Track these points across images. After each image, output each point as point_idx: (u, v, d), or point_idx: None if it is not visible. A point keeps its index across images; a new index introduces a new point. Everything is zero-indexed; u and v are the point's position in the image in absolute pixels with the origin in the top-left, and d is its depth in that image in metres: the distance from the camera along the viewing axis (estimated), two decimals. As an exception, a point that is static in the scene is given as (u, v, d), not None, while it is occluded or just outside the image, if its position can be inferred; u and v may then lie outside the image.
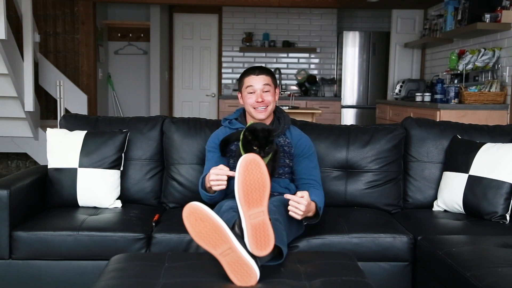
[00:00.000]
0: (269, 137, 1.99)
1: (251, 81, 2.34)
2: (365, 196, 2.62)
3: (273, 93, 2.36)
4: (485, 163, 2.42)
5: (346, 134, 2.69)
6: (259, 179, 1.66)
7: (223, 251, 1.58)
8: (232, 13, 7.25)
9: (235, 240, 1.59)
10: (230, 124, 2.43)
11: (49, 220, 2.30)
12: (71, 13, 6.32)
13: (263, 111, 2.33)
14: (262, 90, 2.32)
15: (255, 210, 1.63)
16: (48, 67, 5.76)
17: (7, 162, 5.92)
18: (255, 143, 1.97)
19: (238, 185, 1.66)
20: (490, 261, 1.81)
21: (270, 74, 2.38)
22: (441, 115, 4.09)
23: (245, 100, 2.36)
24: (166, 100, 7.38)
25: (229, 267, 1.57)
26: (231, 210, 1.94)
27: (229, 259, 1.57)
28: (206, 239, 1.60)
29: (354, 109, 6.93)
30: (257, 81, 2.33)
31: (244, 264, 1.56)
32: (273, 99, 2.36)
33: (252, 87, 2.33)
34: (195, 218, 1.62)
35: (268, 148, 1.98)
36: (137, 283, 1.55)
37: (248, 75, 2.37)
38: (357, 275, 1.62)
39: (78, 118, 2.78)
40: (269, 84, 2.35)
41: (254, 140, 1.97)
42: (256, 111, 2.33)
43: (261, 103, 2.32)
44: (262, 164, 1.68)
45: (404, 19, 6.46)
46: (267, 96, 2.33)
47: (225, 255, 1.57)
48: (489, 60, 4.30)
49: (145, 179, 2.64)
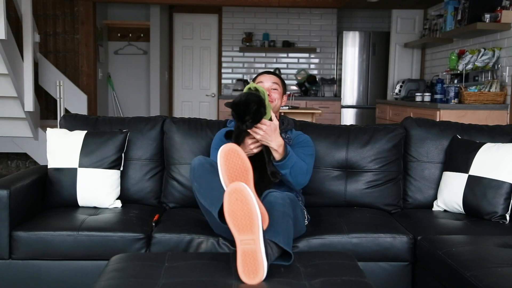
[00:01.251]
0: (248, 110, 2.00)
1: (262, 78, 2.48)
2: (365, 196, 2.62)
3: (280, 94, 2.46)
4: (485, 163, 2.42)
5: (346, 134, 2.69)
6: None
7: (245, 239, 1.60)
8: (232, 13, 7.25)
9: (261, 236, 1.60)
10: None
11: (49, 220, 2.30)
12: (71, 13, 6.32)
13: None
14: (271, 88, 2.43)
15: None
16: (48, 67, 5.76)
17: (7, 162, 5.92)
18: (236, 118, 2.04)
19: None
20: (490, 261, 1.81)
21: (281, 79, 2.53)
22: (441, 115, 4.09)
23: None
24: (166, 100, 7.38)
25: (242, 257, 1.59)
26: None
27: (246, 249, 1.59)
28: (236, 220, 1.62)
29: (354, 109, 6.93)
30: (267, 79, 2.46)
31: (257, 261, 1.58)
32: (279, 97, 2.45)
33: (262, 83, 2.44)
34: (236, 197, 1.63)
35: (249, 121, 2.01)
36: (137, 283, 1.55)
37: (261, 74, 2.53)
38: (357, 275, 1.62)
39: (78, 118, 2.78)
40: (278, 84, 2.47)
41: (235, 115, 2.04)
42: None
43: (268, 97, 2.32)
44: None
45: (404, 19, 6.46)
46: (274, 93, 2.43)
47: (244, 244, 1.60)
48: (489, 60, 4.30)
49: (145, 179, 2.64)
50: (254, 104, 2.01)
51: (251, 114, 2.00)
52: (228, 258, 1.75)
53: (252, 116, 2.01)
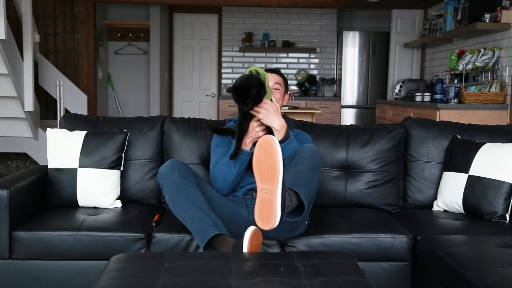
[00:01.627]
0: (249, 93, 2.07)
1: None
2: (365, 196, 2.62)
3: (282, 94, 2.45)
4: (485, 163, 2.42)
5: (345, 134, 2.69)
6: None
7: (265, 188, 1.77)
8: (232, 13, 7.25)
9: (279, 188, 1.75)
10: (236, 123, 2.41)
11: (49, 220, 2.30)
12: (71, 13, 6.32)
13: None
14: (272, 88, 2.37)
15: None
16: (48, 67, 5.76)
17: (7, 162, 5.92)
18: (237, 100, 2.10)
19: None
20: (490, 261, 1.81)
21: (283, 77, 2.50)
22: (441, 115, 4.09)
23: None
24: (166, 100, 7.38)
25: (259, 203, 1.77)
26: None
27: (265, 197, 1.77)
28: (261, 170, 1.78)
29: (354, 109, 6.93)
30: (269, 78, 2.37)
31: (271, 210, 1.74)
32: (280, 97, 2.43)
33: None
34: (265, 149, 1.78)
35: (250, 103, 2.09)
36: (137, 283, 1.55)
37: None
38: (357, 275, 1.62)
39: (78, 118, 2.78)
40: (280, 84, 2.44)
41: (236, 98, 2.10)
42: None
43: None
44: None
45: (404, 19, 6.46)
46: (276, 93, 2.40)
47: (264, 193, 1.77)
48: (489, 60, 4.30)
49: (145, 179, 2.64)
50: (255, 88, 2.09)
51: (252, 97, 2.08)
52: (228, 258, 1.75)
53: (253, 99, 2.08)
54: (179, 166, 2.07)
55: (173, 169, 2.06)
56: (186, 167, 2.10)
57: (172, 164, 2.08)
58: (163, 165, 2.12)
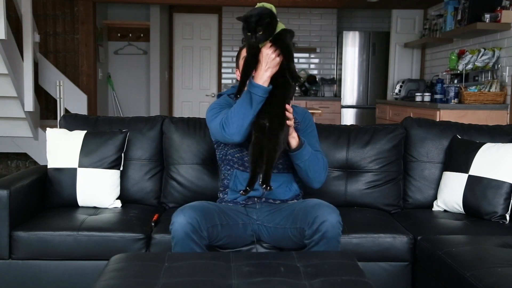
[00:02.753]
0: (260, 21, 1.94)
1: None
2: (365, 196, 2.62)
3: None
4: (485, 163, 2.42)
5: (346, 134, 2.69)
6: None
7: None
8: (232, 13, 7.25)
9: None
10: (231, 95, 2.30)
11: (49, 220, 2.30)
12: (71, 13, 6.32)
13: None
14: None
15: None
16: (48, 67, 5.76)
17: (7, 162, 5.92)
18: (247, 29, 1.95)
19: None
20: (490, 261, 1.81)
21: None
22: (441, 115, 4.09)
23: (240, 68, 2.17)
24: (166, 100, 7.38)
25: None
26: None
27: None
28: None
29: (354, 109, 6.93)
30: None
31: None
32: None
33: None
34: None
35: (260, 33, 1.94)
36: (137, 283, 1.55)
37: (246, 46, 2.20)
38: (357, 275, 1.62)
39: (77, 118, 2.78)
40: None
41: (246, 26, 1.95)
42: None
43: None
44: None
45: (404, 19, 6.46)
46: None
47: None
48: (489, 60, 4.29)
49: (144, 179, 2.64)
50: (267, 16, 1.97)
51: (263, 26, 1.94)
52: (228, 258, 1.75)
53: (264, 28, 1.95)
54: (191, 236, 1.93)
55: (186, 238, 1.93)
56: (198, 233, 1.93)
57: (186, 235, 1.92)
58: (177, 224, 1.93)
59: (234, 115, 2.04)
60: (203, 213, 1.98)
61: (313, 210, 1.96)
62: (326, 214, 1.93)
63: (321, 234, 1.91)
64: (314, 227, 1.92)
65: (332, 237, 1.92)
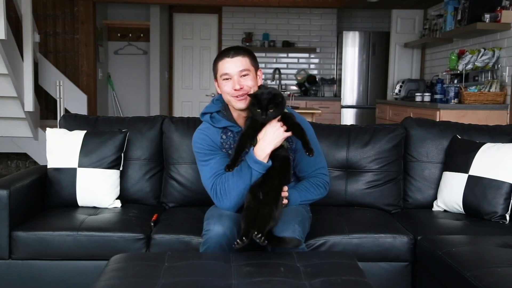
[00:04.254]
0: (273, 100, 1.93)
1: (226, 66, 2.03)
2: (365, 196, 2.62)
3: (254, 77, 2.07)
4: (485, 163, 2.42)
5: (346, 134, 2.69)
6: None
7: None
8: (232, 13, 7.25)
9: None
10: (213, 120, 2.12)
11: (49, 220, 2.30)
12: (71, 13, 6.32)
13: (243, 99, 2.03)
14: (239, 75, 2.02)
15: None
16: (48, 67, 5.76)
17: (7, 162, 5.92)
18: (258, 106, 1.93)
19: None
20: (490, 261, 1.81)
21: (248, 54, 2.07)
22: (441, 115, 4.09)
23: (221, 88, 2.07)
24: (166, 100, 7.38)
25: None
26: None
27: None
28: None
29: (354, 109, 6.93)
30: (232, 66, 2.02)
31: None
32: (254, 83, 2.05)
33: (227, 74, 2.03)
34: None
35: (271, 111, 1.93)
36: (136, 283, 1.55)
37: (221, 58, 2.05)
38: (357, 275, 1.62)
39: (77, 118, 2.78)
40: (247, 68, 2.04)
41: (257, 103, 1.93)
42: (236, 99, 2.04)
43: (240, 91, 2.01)
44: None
45: (404, 19, 6.46)
46: (246, 81, 2.03)
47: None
48: (489, 60, 4.29)
49: (144, 179, 2.63)
50: (279, 96, 1.95)
51: (274, 104, 1.93)
52: (228, 258, 1.75)
53: (275, 106, 1.94)
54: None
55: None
56: (231, 244, 1.89)
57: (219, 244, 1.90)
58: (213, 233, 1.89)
59: (232, 189, 1.98)
60: (239, 224, 1.92)
61: (276, 227, 1.91)
62: (279, 232, 1.87)
63: (278, 252, 1.88)
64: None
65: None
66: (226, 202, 2.00)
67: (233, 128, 2.11)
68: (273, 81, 6.97)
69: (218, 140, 2.10)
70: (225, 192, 1.99)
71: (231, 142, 2.10)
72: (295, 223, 1.94)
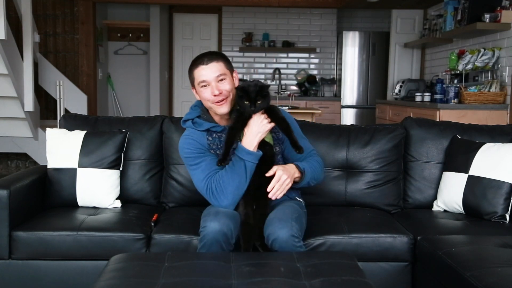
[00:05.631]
0: (261, 91, 1.97)
1: (202, 73, 2.05)
2: (365, 196, 2.62)
3: (231, 79, 2.09)
4: (485, 163, 2.42)
5: (346, 134, 2.69)
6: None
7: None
8: (232, 13, 7.25)
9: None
10: (196, 125, 2.14)
11: (49, 220, 2.30)
12: (71, 13, 6.32)
13: (224, 103, 2.06)
14: (217, 81, 2.05)
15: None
16: (48, 67, 5.76)
17: (7, 162, 5.92)
18: (246, 98, 1.97)
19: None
20: (490, 261, 1.81)
21: (222, 58, 2.11)
22: (441, 115, 4.09)
23: (200, 95, 2.09)
24: (166, 100, 7.38)
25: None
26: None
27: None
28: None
29: (354, 109, 6.93)
30: (208, 72, 2.04)
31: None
32: (231, 86, 2.08)
33: (205, 81, 2.05)
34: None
35: (260, 102, 1.98)
36: (137, 283, 1.55)
37: (197, 66, 2.07)
38: (357, 275, 1.62)
39: (77, 118, 2.78)
40: (224, 73, 2.07)
41: (245, 95, 1.97)
42: (217, 105, 2.06)
43: (219, 96, 2.04)
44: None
45: (404, 19, 6.46)
46: (224, 85, 2.06)
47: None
48: (489, 60, 4.30)
49: (144, 179, 2.63)
50: (266, 88, 2.00)
51: (262, 96, 1.98)
52: (228, 258, 1.75)
53: (263, 98, 1.98)
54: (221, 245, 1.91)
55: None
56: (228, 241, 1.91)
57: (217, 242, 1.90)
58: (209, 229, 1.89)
59: (228, 184, 1.98)
60: (235, 221, 1.95)
61: (267, 227, 1.94)
62: (276, 230, 1.89)
63: (276, 250, 1.90)
64: (269, 244, 1.91)
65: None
66: (223, 199, 2.01)
67: (216, 128, 2.13)
68: (273, 81, 6.97)
69: (205, 142, 2.12)
70: (221, 189, 2.00)
71: (218, 143, 2.12)
72: (292, 220, 1.95)
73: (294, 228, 1.91)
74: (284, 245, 1.88)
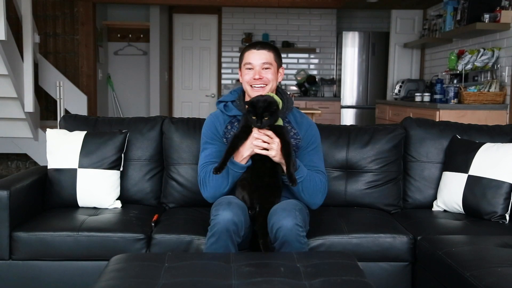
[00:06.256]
0: (268, 108, 1.99)
1: (250, 56, 2.16)
2: (365, 196, 2.62)
3: (275, 71, 2.18)
4: (485, 163, 2.42)
5: (346, 134, 2.69)
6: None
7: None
8: (231, 14, 7.25)
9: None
10: (226, 108, 2.25)
11: (49, 221, 2.31)
12: (70, 13, 6.33)
13: (260, 90, 2.15)
14: (262, 67, 2.15)
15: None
16: (48, 67, 5.76)
17: (7, 163, 5.92)
18: (253, 113, 2.00)
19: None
20: (490, 261, 1.82)
21: (273, 50, 2.19)
22: (441, 115, 4.09)
23: (243, 77, 2.20)
24: (166, 101, 7.38)
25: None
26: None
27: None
28: None
29: (354, 109, 6.94)
30: (256, 57, 2.15)
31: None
32: (274, 77, 2.17)
33: (250, 64, 2.16)
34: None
35: (266, 119, 1.99)
36: (137, 283, 1.56)
37: (248, 49, 2.19)
38: (357, 275, 1.62)
39: (77, 119, 2.78)
40: (270, 62, 2.16)
41: (253, 110, 2.00)
42: (253, 89, 2.16)
43: (259, 81, 2.14)
44: None
45: (404, 19, 6.46)
46: (267, 73, 2.16)
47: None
48: (488, 60, 4.30)
49: (144, 180, 2.64)
50: (275, 105, 2.02)
51: (270, 113, 1.99)
52: (228, 258, 1.75)
53: (270, 115, 2.00)
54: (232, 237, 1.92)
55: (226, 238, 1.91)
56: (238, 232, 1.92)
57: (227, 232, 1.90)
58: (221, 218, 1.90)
59: (212, 180, 2.11)
60: (245, 214, 1.98)
61: (271, 217, 1.95)
62: (280, 219, 1.90)
63: (280, 240, 1.90)
64: (273, 234, 1.92)
65: (292, 241, 1.90)
66: (204, 192, 2.15)
67: (241, 117, 2.20)
68: (273, 82, 6.97)
69: (222, 130, 2.22)
70: (205, 182, 2.13)
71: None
72: (296, 210, 1.96)
73: (298, 217, 1.93)
74: (288, 233, 1.88)
